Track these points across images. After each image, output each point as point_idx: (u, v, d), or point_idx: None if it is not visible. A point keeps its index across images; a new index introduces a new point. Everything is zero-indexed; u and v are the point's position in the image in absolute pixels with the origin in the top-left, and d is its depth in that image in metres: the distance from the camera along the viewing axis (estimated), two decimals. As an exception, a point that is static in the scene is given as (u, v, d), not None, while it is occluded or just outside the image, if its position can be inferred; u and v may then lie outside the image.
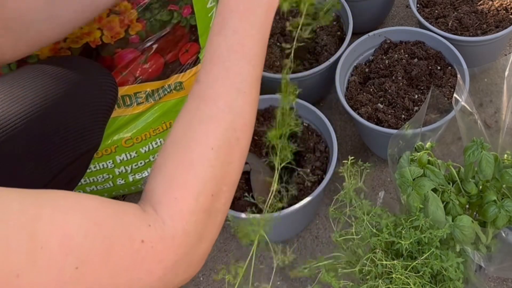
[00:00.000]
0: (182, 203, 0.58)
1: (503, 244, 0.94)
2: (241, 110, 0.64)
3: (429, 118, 1.17)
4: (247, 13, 0.65)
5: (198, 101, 0.63)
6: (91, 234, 0.50)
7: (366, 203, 0.90)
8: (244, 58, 0.65)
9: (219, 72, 0.64)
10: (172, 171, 0.60)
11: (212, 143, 0.61)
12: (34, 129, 0.88)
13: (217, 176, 0.61)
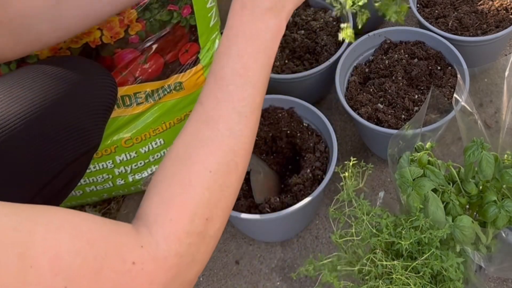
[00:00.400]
0: (177, 224, 0.58)
1: (503, 244, 0.94)
2: (241, 134, 0.64)
3: (429, 118, 1.17)
4: (253, 38, 0.66)
5: (199, 123, 0.64)
6: (82, 253, 0.50)
7: (366, 203, 0.90)
8: (247, 82, 0.65)
9: (222, 95, 0.64)
10: (169, 191, 0.60)
11: (211, 166, 0.61)
12: (33, 129, 0.88)
13: (213, 200, 0.61)
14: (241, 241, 1.32)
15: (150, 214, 0.59)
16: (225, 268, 1.28)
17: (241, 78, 0.65)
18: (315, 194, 1.12)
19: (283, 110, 1.31)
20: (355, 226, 0.91)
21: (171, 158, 0.63)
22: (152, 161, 1.31)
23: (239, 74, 0.65)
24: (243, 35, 0.66)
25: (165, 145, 1.31)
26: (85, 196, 1.33)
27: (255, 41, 0.66)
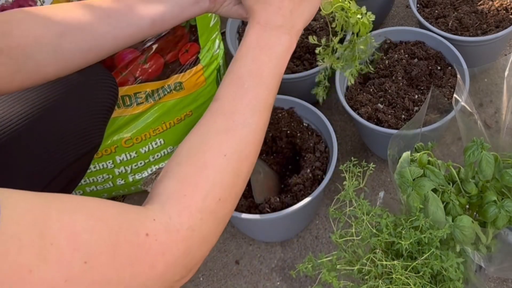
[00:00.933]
0: (190, 200, 0.61)
1: (503, 244, 0.94)
2: (256, 127, 0.70)
3: (429, 118, 1.17)
4: (267, 48, 0.74)
5: (216, 115, 0.70)
6: (97, 230, 0.52)
7: (366, 203, 0.90)
8: (262, 83, 0.72)
9: (238, 90, 0.71)
10: (185, 171, 0.64)
11: (225, 151, 0.66)
12: (35, 129, 0.88)
13: (226, 183, 0.65)
14: (241, 241, 1.32)
15: (163, 193, 0.62)
16: (225, 268, 1.28)
17: (256, 79, 0.72)
18: (315, 194, 1.12)
19: (283, 110, 1.31)
20: (355, 226, 0.91)
21: (187, 144, 0.68)
22: (152, 161, 1.31)
23: (255, 75, 0.72)
24: (257, 45, 0.74)
25: (165, 145, 1.31)
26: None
27: (268, 51, 0.74)
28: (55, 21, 0.81)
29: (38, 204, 0.50)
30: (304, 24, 0.79)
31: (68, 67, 0.83)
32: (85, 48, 0.83)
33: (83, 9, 0.82)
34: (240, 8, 0.88)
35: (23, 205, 0.49)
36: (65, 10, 0.82)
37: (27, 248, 0.47)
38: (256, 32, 0.75)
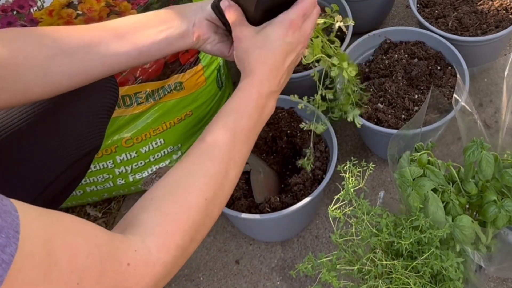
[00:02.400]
0: (170, 237, 0.66)
1: (503, 244, 0.94)
2: (233, 179, 0.77)
3: (429, 118, 1.17)
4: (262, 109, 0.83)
5: (206, 158, 0.75)
6: (92, 255, 0.57)
7: (366, 203, 0.90)
8: (249, 140, 0.81)
9: (229, 142, 0.77)
10: (169, 207, 0.69)
11: (207, 195, 0.72)
12: (36, 129, 0.88)
13: (201, 224, 0.71)
14: (241, 241, 1.32)
15: (146, 225, 0.66)
16: (225, 268, 1.29)
17: (245, 135, 0.79)
18: (315, 194, 1.12)
19: (283, 110, 1.31)
20: (355, 226, 0.91)
21: (174, 177, 0.73)
22: (152, 160, 1.31)
23: (246, 131, 0.80)
24: (256, 104, 0.81)
25: (165, 145, 1.31)
26: (86, 196, 1.33)
27: (262, 112, 0.83)
28: (46, 43, 0.82)
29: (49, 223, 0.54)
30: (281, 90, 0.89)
31: (55, 89, 0.85)
32: (74, 72, 0.85)
33: (74, 34, 0.85)
34: (222, 47, 0.94)
35: (37, 224, 0.52)
36: (57, 33, 0.84)
37: (38, 266, 0.51)
38: (257, 90, 0.82)
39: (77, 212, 1.42)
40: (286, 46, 0.85)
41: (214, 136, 0.77)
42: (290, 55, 0.86)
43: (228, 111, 0.80)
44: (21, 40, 0.82)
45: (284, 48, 0.85)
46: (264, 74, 0.83)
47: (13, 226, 0.50)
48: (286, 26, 0.84)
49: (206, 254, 1.31)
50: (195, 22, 0.91)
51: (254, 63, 0.84)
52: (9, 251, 0.48)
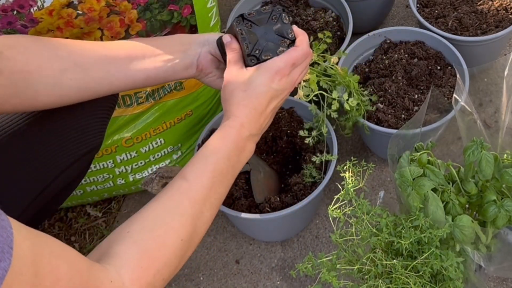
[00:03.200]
0: (144, 273, 0.68)
1: (503, 244, 0.94)
2: (208, 220, 0.79)
3: (429, 118, 1.17)
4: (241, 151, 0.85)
5: (184, 197, 0.77)
6: (73, 280, 0.58)
7: (366, 203, 0.90)
8: (227, 182, 0.83)
9: (207, 183, 0.79)
10: (146, 243, 0.71)
11: (183, 235, 0.74)
12: (36, 129, 0.88)
13: (174, 265, 0.73)
14: (241, 240, 1.32)
15: (123, 258, 0.68)
16: (226, 268, 1.29)
17: (224, 177, 0.82)
18: (315, 194, 1.12)
19: (283, 110, 1.31)
20: (355, 226, 0.91)
21: (151, 215, 0.74)
22: (152, 160, 1.31)
23: (225, 173, 0.82)
24: (236, 146, 0.84)
25: (165, 145, 1.31)
26: (86, 196, 1.33)
27: (240, 154, 0.85)
28: (61, 55, 0.86)
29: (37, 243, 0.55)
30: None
31: (63, 100, 0.88)
32: (82, 87, 0.88)
33: (89, 50, 0.88)
34: (221, 82, 0.94)
35: (27, 243, 0.53)
36: (72, 47, 0.87)
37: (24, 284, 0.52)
38: (237, 133, 0.84)
39: (77, 211, 1.42)
40: (270, 92, 0.87)
41: (194, 176, 0.79)
42: (274, 100, 0.88)
43: (209, 152, 0.82)
44: (36, 49, 0.84)
45: (268, 94, 0.86)
46: (245, 117, 0.85)
47: (8, 242, 0.50)
48: (273, 73, 0.86)
49: (206, 254, 1.31)
50: (199, 56, 0.96)
51: (236, 105, 0.86)
52: (3, 266, 0.49)
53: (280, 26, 0.91)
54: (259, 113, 0.86)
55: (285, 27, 0.91)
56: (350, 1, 1.45)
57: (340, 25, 1.45)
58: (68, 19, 1.02)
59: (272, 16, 0.91)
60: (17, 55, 0.82)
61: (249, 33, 0.89)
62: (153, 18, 1.10)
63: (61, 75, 0.85)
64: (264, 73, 0.86)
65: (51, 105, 0.88)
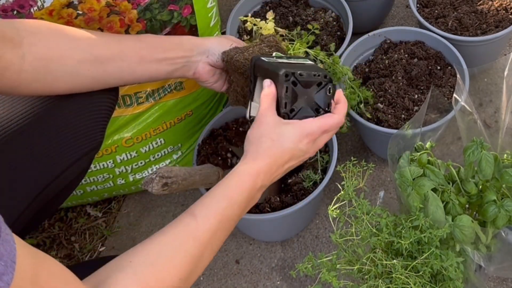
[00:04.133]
0: None
1: (503, 243, 0.95)
2: (206, 263, 0.80)
3: (429, 118, 1.17)
4: (251, 200, 0.87)
5: (190, 236, 0.77)
6: None
7: (366, 203, 0.90)
8: (230, 228, 0.83)
9: (216, 228, 0.79)
10: (145, 278, 0.70)
11: (182, 275, 0.74)
12: (35, 129, 0.88)
13: None
14: (241, 240, 1.32)
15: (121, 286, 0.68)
16: (226, 268, 1.29)
17: (230, 224, 0.82)
18: (315, 194, 1.12)
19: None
20: (355, 226, 0.91)
21: (155, 249, 0.74)
22: (152, 160, 1.31)
23: (231, 219, 0.82)
24: (248, 195, 0.85)
25: (165, 145, 1.31)
26: (86, 196, 1.33)
27: (250, 203, 0.87)
28: (81, 46, 0.91)
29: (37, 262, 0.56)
30: None
31: (77, 87, 0.92)
32: (96, 78, 0.93)
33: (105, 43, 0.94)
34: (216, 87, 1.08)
35: (28, 260, 0.54)
36: (91, 39, 0.93)
37: None
38: (254, 182, 0.85)
39: (77, 211, 1.42)
40: (295, 150, 0.88)
41: (203, 216, 0.79)
42: (294, 159, 0.89)
43: (222, 196, 0.82)
44: (57, 38, 0.89)
45: (293, 152, 0.87)
46: (264, 166, 0.86)
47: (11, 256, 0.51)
48: (304, 134, 0.87)
49: (206, 254, 1.31)
50: (198, 65, 1.03)
51: (261, 152, 0.86)
52: (6, 279, 0.49)
53: (323, 95, 0.91)
54: (277, 166, 0.88)
55: (327, 99, 0.91)
56: (350, 1, 1.45)
57: (340, 25, 1.45)
58: (68, 19, 1.02)
59: (319, 82, 0.90)
60: (38, 42, 0.86)
61: (292, 92, 0.89)
62: (153, 18, 1.10)
63: (80, 64, 0.90)
64: (296, 131, 0.87)
65: (67, 91, 0.91)
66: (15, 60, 0.83)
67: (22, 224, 0.87)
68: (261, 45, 1.06)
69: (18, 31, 0.84)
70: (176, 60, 1.01)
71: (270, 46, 1.07)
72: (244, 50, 1.05)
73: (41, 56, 0.86)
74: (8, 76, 0.83)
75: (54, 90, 0.90)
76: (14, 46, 0.83)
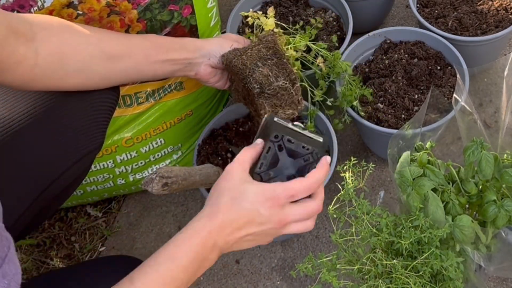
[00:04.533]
0: None
1: (503, 243, 0.95)
2: None
3: (429, 118, 1.17)
4: (203, 261, 0.78)
5: None
6: None
7: (366, 203, 0.90)
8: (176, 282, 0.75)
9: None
10: None
11: None
12: (36, 129, 0.88)
13: None
14: (242, 240, 1.32)
15: None
16: (226, 268, 1.29)
17: (175, 282, 0.75)
18: (315, 194, 1.12)
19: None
20: (355, 226, 0.91)
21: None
22: (152, 160, 1.31)
23: (179, 281, 0.75)
24: (200, 255, 0.77)
25: (165, 145, 1.31)
26: (86, 196, 1.33)
27: (201, 263, 0.77)
28: (92, 42, 0.92)
29: None
30: None
31: (87, 84, 0.94)
32: (105, 74, 0.95)
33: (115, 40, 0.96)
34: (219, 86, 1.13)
35: None
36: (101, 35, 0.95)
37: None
38: (203, 240, 0.76)
39: (77, 211, 1.43)
40: (254, 213, 0.77)
41: (141, 285, 0.73)
42: (252, 225, 0.78)
43: (166, 257, 0.75)
44: (69, 33, 0.90)
45: (250, 214, 0.77)
46: (217, 224, 0.77)
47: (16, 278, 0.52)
48: (267, 196, 0.77)
49: (206, 253, 1.31)
50: (200, 67, 1.08)
51: (218, 208, 0.78)
52: None
53: (307, 169, 0.82)
54: (233, 228, 0.78)
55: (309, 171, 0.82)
56: (350, 1, 1.45)
57: (340, 25, 1.45)
58: (68, 19, 1.02)
59: (307, 156, 0.82)
60: (51, 37, 0.87)
61: (273, 156, 0.81)
62: (153, 18, 1.10)
63: (90, 60, 0.91)
64: (258, 191, 0.78)
65: (77, 87, 0.93)
66: (29, 54, 0.84)
67: (22, 225, 0.87)
68: (259, 46, 1.07)
69: (31, 26, 0.85)
70: (179, 61, 1.04)
71: (268, 48, 1.07)
72: (243, 52, 1.06)
73: (55, 50, 0.87)
74: (21, 70, 0.84)
75: (64, 85, 0.91)
76: (27, 41, 0.83)
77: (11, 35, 0.81)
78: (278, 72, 1.06)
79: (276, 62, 1.08)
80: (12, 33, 0.81)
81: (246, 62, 1.05)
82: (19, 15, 0.86)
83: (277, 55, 1.08)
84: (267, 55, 1.06)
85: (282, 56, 1.08)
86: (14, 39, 0.81)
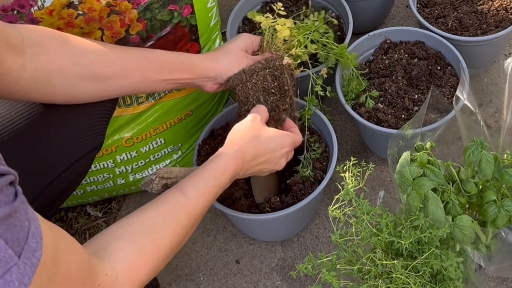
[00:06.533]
0: (137, 271, 0.74)
1: (503, 243, 0.95)
2: (191, 233, 0.87)
3: (429, 118, 1.17)
4: (220, 179, 0.92)
5: (183, 210, 0.84)
6: (79, 271, 0.63)
7: (366, 203, 0.90)
8: (209, 206, 0.90)
9: (205, 202, 0.88)
10: (143, 244, 0.76)
11: (174, 243, 0.81)
12: (36, 129, 0.88)
13: (159, 267, 0.79)
14: (242, 240, 1.32)
15: (120, 252, 0.73)
16: (226, 268, 1.29)
17: (211, 201, 0.90)
18: (315, 194, 1.12)
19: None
20: (355, 226, 0.91)
21: (151, 220, 0.80)
22: (152, 160, 1.31)
23: (213, 198, 0.90)
24: (227, 176, 0.92)
25: (165, 145, 1.31)
26: (86, 196, 1.33)
27: (226, 186, 0.93)
28: (82, 63, 0.92)
29: (56, 237, 0.60)
30: None
31: (76, 100, 0.94)
32: (96, 95, 0.95)
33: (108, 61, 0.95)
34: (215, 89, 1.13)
35: (49, 236, 0.57)
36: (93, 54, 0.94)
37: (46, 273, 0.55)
38: (238, 167, 0.94)
39: (77, 211, 1.42)
40: (275, 154, 1.01)
41: (193, 193, 0.86)
42: (268, 163, 1.00)
43: (210, 176, 0.90)
44: (60, 50, 0.90)
45: (272, 155, 1.00)
46: (250, 155, 0.96)
47: (39, 233, 0.54)
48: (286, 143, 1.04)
49: (206, 253, 1.31)
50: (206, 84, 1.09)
51: (247, 142, 0.96)
52: (37, 255, 0.53)
53: None
54: (257, 162, 0.98)
55: None
56: (350, 1, 1.45)
57: (340, 25, 1.45)
58: (68, 19, 1.02)
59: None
60: (41, 54, 0.87)
61: None
62: (153, 18, 1.10)
63: (79, 81, 0.92)
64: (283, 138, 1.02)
65: (66, 102, 0.93)
66: (15, 67, 0.84)
67: (22, 224, 0.86)
68: (265, 71, 1.09)
69: (22, 39, 0.85)
70: (181, 80, 1.05)
71: (274, 77, 1.10)
72: (248, 78, 1.08)
73: (41, 67, 0.87)
74: (6, 81, 0.84)
75: (53, 100, 0.91)
76: (16, 53, 0.84)
77: (2, 45, 0.81)
78: (279, 114, 1.12)
79: (279, 99, 1.10)
80: (2, 43, 0.81)
81: (249, 94, 1.08)
82: (13, 26, 0.86)
83: (281, 91, 1.10)
84: (272, 87, 1.09)
85: (286, 92, 1.11)
86: (4, 49, 0.82)
